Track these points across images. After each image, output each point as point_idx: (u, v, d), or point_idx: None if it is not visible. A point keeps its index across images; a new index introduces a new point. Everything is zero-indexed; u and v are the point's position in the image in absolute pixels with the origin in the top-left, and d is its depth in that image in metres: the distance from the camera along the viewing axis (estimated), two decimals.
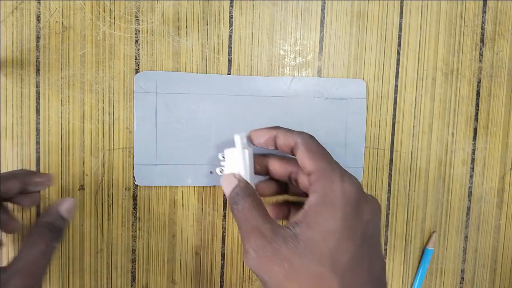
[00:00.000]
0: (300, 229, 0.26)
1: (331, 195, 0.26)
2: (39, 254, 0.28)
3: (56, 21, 0.37)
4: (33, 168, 0.37)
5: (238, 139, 0.32)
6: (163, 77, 0.37)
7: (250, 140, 0.33)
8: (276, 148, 0.32)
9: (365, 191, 0.39)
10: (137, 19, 0.37)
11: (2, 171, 0.37)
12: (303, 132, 0.31)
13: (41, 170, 0.37)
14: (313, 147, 0.29)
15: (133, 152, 0.37)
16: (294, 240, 0.26)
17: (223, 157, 0.34)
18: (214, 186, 0.38)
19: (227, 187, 0.30)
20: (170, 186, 0.38)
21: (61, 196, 0.37)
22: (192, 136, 0.37)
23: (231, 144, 0.33)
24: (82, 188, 0.37)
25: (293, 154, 0.31)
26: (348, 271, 0.25)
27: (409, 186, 0.40)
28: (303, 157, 0.29)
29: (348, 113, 0.38)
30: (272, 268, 0.25)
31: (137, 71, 0.37)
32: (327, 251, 0.25)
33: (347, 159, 0.39)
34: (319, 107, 0.38)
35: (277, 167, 0.33)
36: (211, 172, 0.38)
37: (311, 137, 0.30)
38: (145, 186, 0.38)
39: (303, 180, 0.32)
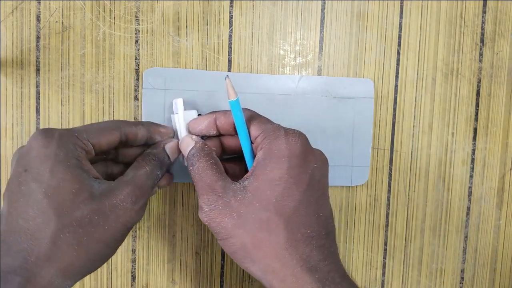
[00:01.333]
0: (248, 182, 0.28)
1: (276, 148, 0.28)
2: (144, 174, 0.29)
3: (56, 21, 0.37)
4: None
5: (180, 103, 0.34)
6: (172, 74, 0.37)
7: (190, 130, 0.33)
8: (218, 131, 0.32)
9: (366, 191, 0.39)
10: (137, 19, 0.37)
11: (2, 171, 0.37)
12: (245, 108, 0.32)
13: None
14: (254, 115, 0.31)
15: None
16: (242, 192, 0.27)
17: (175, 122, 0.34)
18: None
19: (185, 149, 0.31)
20: (170, 185, 0.38)
21: None
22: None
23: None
24: None
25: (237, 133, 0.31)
26: (294, 214, 0.27)
27: (409, 186, 0.40)
28: (248, 124, 0.30)
29: (355, 112, 0.38)
30: (223, 219, 0.27)
31: (137, 71, 0.37)
32: (272, 197, 0.27)
33: (353, 158, 0.39)
34: (327, 106, 0.38)
35: (231, 143, 0.33)
36: None
37: (251, 110, 0.32)
38: None
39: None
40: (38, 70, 0.37)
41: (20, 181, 0.25)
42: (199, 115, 0.35)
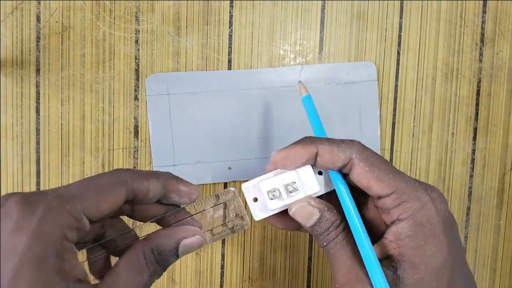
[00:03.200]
0: (402, 271, 0.22)
1: (427, 222, 0.22)
2: (140, 284, 0.21)
3: (56, 21, 0.37)
4: (33, 168, 0.37)
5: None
6: (174, 78, 0.37)
7: (279, 165, 0.25)
8: (313, 165, 0.25)
9: None
10: (137, 19, 0.37)
11: (2, 171, 0.37)
12: (353, 141, 0.24)
13: (41, 170, 0.37)
14: (374, 161, 0.23)
15: (151, 155, 0.37)
16: (399, 284, 0.22)
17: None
18: (213, 184, 0.39)
19: (304, 220, 0.24)
20: None
21: None
22: (208, 134, 0.38)
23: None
24: None
25: (341, 171, 0.24)
26: None
27: None
28: (367, 177, 0.23)
29: (360, 96, 0.38)
30: None
31: (137, 71, 0.37)
32: None
33: (363, 143, 0.39)
34: (331, 93, 0.38)
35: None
36: (229, 168, 0.38)
37: (365, 147, 0.24)
38: None
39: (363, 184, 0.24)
40: (38, 70, 0.37)
41: None
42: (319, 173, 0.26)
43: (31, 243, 0.18)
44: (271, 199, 0.24)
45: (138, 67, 0.37)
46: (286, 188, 0.24)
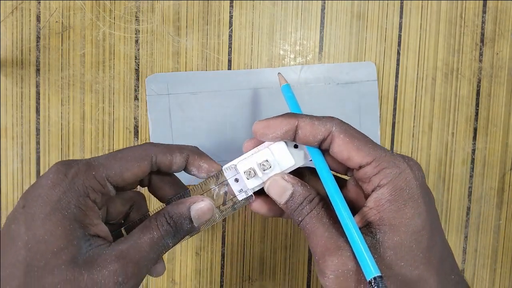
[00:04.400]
0: (382, 234, 0.22)
1: (406, 186, 0.22)
2: (148, 242, 0.23)
3: (56, 21, 0.37)
4: (33, 168, 0.37)
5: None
6: (174, 78, 0.37)
7: (258, 134, 0.25)
8: (293, 141, 0.25)
9: None
10: (137, 19, 0.37)
11: (2, 171, 0.37)
12: (332, 117, 0.24)
13: (41, 170, 0.37)
14: (354, 133, 0.23)
15: None
16: (377, 248, 0.22)
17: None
18: None
19: (279, 195, 0.24)
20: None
21: None
22: (208, 134, 0.38)
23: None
24: None
25: (320, 147, 0.25)
26: (440, 263, 0.23)
27: None
28: (348, 148, 0.23)
29: (360, 96, 0.38)
30: (357, 286, 0.21)
31: (137, 71, 0.37)
32: (419, 252, 0.22)
33: None
34: (331, 93, 0.38)
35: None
36: None
37: (344, 122, 0.24)
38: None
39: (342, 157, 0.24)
40: (38, 70, 0.37)
41: (15, 216, 0.22)
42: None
43: (60, 196, 0.22)
44: (248, 178, 0.25)
45: (138, 67, 0.37)
46: (261, 167, 0.25)
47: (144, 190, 0.35)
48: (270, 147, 0.25)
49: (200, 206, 0.25)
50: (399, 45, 0.39)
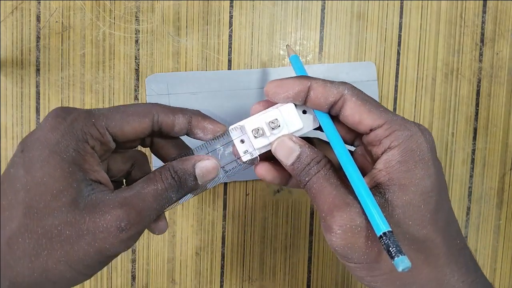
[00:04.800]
0: (391, 194, 0.22)
1: (417, 149, 0.22)
2: (152, 193, 0.23)
3: (56, 21, 0.37)
4: None
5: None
6: (174, 78, 0.37)
7: (270, 93, 0.25)
8: (304, 104, 0.25)
9: None
10: (137, 19, 0.37)
11: (2, 171, 0.37)
12: (344, 82, 0.24)
13: None
14: (366, 97, 0.24)
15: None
16: (386, 207, 0.22)
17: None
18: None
19: (286, 157, 0.24)
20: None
21: None
22: None
23: None
24: None
25: (329, 112, 0.25)
26: (447, 226, 0.23)
27: None
28: (360, 111, 0.23)
29: None
30: (364, 242, 0.21)
31: (137, 71, 0.37)
32: (427, 212, 0.22)
33: None
34: None
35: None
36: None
37: (353, 86, 0.24)
38: None
39: (351, 120, 0.24)
40: (38, 70, 0.37)
41: (14, 160, 0.22)
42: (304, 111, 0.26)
43: (58, 139, 0.22)
44: (256, 137, 0.25)
45: (138, 67, 0.37)
46: (269, 126, 0.25)
47: (147, 151, 0.35)
48: (280, 108, 0.25)
49: (205, 164, 0.25)
50: (399, 45, 0.39)
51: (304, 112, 0.26)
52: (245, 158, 0.26)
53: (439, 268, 0.22)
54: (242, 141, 0.26)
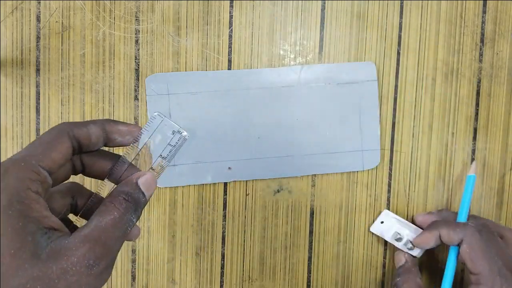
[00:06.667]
0: None
1: None
2: (111, 223, 0.23)
3: (56, 21, 0.37)
4: None
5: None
6: (174, 78, 0.37)
7: (418, 246, 0.37)
8: (431, 246, 0.36)
9: (365, 190, 0.39)
10: (137, 19, 0.37)
11: None
12: (467, 224, 0.33)
13: None
14: (476, 247, 0.32)
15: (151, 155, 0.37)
16: None
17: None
18: (213, 184, 0.39)
19: (396, 264, 0.37)
20: (170, 187, 0.38)
21: None
22: (208, 134, 0.38)
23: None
24: None
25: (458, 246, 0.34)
26: None
27: (409, 186, 0.40)
28: (465, 257, 0.32)
29: (360, 96, 0.38)
30: None
31: (137, 71, 0.37)
32: None
33: (363, 143, 0.39)
34: (331, 93, 0.38)
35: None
36: (229, 168, 0.38)
37: (474, 233, 0.32)
38: None
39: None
40: (38, 70, 0.37)
41: None
42: None
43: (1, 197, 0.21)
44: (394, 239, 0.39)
45: (138, 67, 0.37)
46: (395, 236, 0.39)
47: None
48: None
49: (146, 178, 0.25)
50: (399, 45, 0.39)
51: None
52: (174, 140, 0.28)
53: None
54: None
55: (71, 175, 0.26)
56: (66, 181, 0.27)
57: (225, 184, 0.39)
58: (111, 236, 0.22)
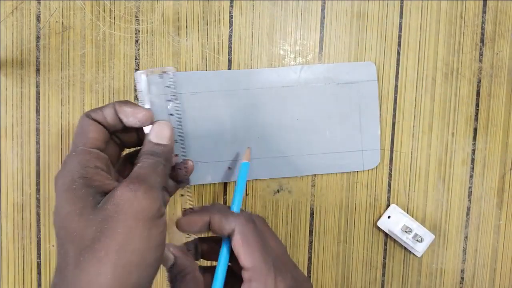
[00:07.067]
0: None
1: None
2: (140, 167, 0.26)
3: (56, 21, 0.37)
4: (33, 168, 0.37)
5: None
6: (174, 78, 0.37)
7: (180, 228, 0.30)
8: (210, 231, 0.30)
9: (365, 190, 0.39)
10: (137, 19, 0.37)
11: (2, 171, 0.37)
12: (241, 214, 0.29)
13: (41, 170, 0.37)
14: (249, 238, 0.28)
15: None
16: None
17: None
18: (213, 184, 0.38)
19: (164, 264, 0.30)
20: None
21: None
22: (208, 134, 0.38)
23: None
24: None
25: (229, 238, 0.29)
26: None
27: (409, 186, 0.40)
28: (239, 249, 0.28)
29: (360, 96, 0.38)
30: None
31: (137, 71, 0.37)
32: None
33: (363, 143, 0.39)
34: (331, 93, 0.38)
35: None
36: (229, 168, 0.38)
37: (248, 222, 0.29)
38: None
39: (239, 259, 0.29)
40: (38, 70, 0.37)
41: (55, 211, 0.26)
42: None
43: (63, 180, 0.25)
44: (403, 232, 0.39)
45: (138, 67, 0.37)
46: None
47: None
48: None
49: (156, 131, 0.28)
50: (399, 45, 0.39)
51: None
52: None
53: None
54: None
55: (125, 149, 0.31)
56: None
57: (225, 184, 0.39)
58: (144, 173, 0.26)
